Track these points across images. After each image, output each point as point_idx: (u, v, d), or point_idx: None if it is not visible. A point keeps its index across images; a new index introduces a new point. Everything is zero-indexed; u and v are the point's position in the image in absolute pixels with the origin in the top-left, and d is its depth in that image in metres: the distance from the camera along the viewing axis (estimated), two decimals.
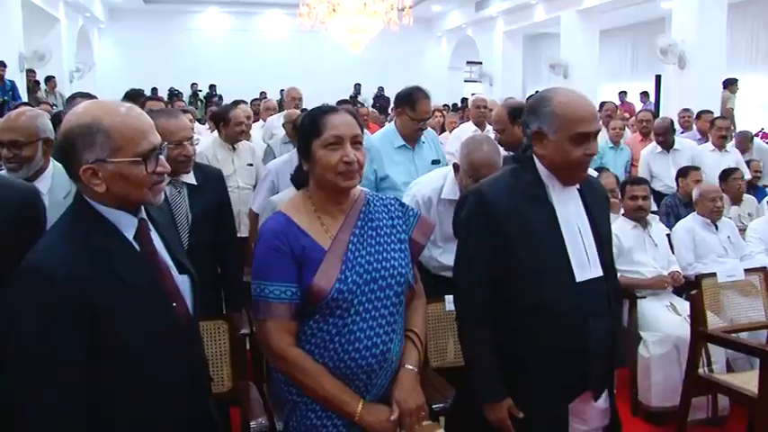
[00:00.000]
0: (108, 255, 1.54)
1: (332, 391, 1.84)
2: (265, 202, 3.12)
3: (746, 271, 3.73)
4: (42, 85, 12.52)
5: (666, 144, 6.35)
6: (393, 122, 4.12)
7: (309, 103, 7.47)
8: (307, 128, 1.90)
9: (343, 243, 1.88)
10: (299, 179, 2.00)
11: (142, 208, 1.65)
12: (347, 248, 1.87)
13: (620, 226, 4.15)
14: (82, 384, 1.48)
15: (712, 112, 7.72)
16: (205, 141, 5.51)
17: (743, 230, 4.72)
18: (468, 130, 6.28)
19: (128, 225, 1.61)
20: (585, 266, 2.10)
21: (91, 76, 15.04)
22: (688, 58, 9.75)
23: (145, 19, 18.28)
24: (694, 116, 8.00)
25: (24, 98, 10.92)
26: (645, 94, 15.22)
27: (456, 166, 3.09)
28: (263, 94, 16.33)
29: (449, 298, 2.96)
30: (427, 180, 3.34)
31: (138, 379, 1.57)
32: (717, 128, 6.75)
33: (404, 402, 1.89)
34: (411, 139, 3.97)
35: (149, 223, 1.68)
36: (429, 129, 4.29)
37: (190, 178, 2.86)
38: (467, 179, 2.96)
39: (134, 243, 1.61)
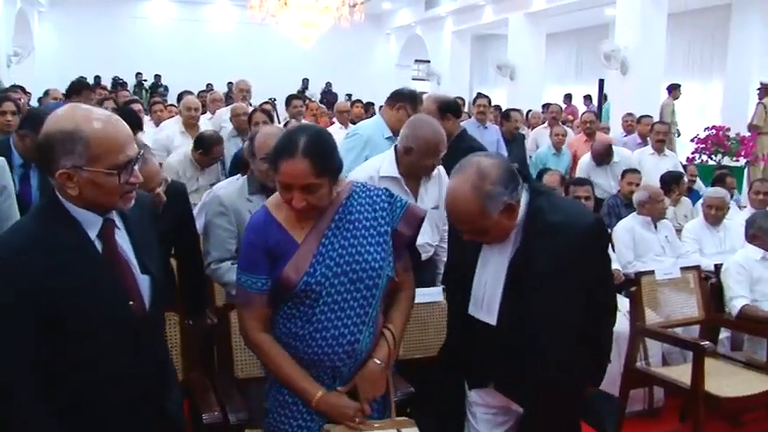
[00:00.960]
0: (67, 250, 1.63)
1: (293, 376, 1.96)
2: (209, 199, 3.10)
3: (682, 269, 3.89)
4: None
5: (604, 162, 6.45)
6: (380, 115, 4.15)
7: (257, 97, 7.47)
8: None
9: (317, 237, 1.96)
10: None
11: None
12: (320, 243, 1.96)
13: None
14: (25, 356, 1.59)
15: (652, 117, 8.00)
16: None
17: (679, 231, 4.93)
18: None
19: (92, 224, 1.69)
20: (479, 309, 2.15)
21: (30, 61, 14.55)
22: (630, 63, 10.06)
23: (88, 4, 17.68)
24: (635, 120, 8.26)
25: None
26: (588, 98, 15.59)
27: (406, 150, 3.08)
28: (209, 85, 16.11)
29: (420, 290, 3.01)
30: (363, 167, 3.30)
31: (84, 364, 1.67)
32: (655, 132, 7.01)
33: (364, 392, 2.00)
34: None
35: (116, 222, 1.75)
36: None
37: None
38: (424, 159, 3.04)
39: (97, 241, 1.70)
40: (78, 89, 5.99)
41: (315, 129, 2.03)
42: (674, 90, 10.86)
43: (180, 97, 7.97)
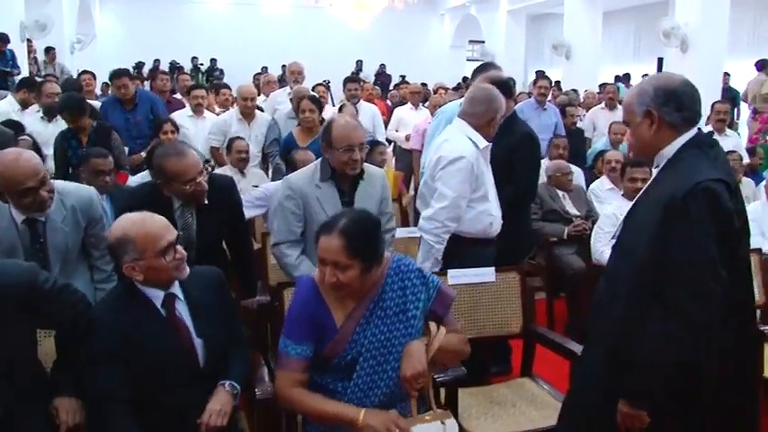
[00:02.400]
0: (137, 317, 2.24)
1: (333, 408, 2.17)
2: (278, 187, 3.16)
3: None
4: (41, 56, 12.44)
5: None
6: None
7: (311, 79, 7.50)
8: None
9: (352, 325, 2.21)
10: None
11: (176, 283, 2.31)
12: (354, 330, 2.20)
13: (621, 206, 4.23)
14: (116, 380, 2.18)
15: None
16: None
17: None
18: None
19: (156, 297, 2.28)
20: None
21: (92, 47, 14.94)
22: (690, 41, 9.74)
23: None
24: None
25: (25, 69, 10.88)
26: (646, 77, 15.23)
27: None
28: (264, 68, 16.28)
29: (452, 272, 3.06)
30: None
31: (151, 399, 2.23)
32: (716, 111, 6.80)
33: (404, 370, 2.14)
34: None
35: (179, 294, 2.32)
36: None
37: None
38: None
39: (161, 310, 2.28)
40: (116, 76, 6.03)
41: (361, 214, 2.27)
42: (765, 68, 10.36)
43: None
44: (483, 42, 17.89)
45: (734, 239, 1.99)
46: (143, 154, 5.26)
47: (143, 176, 4.70)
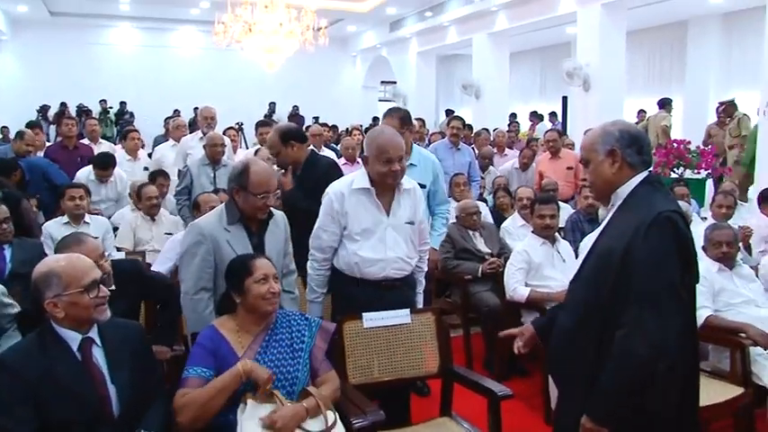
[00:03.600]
0: (51, 360, 2.21)
1: (219, 381, 2.40)
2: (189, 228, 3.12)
3: None
4: None
5: None
6: None
7: (224, 121, 7.44)
8: (238, 268, 2.59)
9: (252, 352, 2.53)
10: (224, 306, 2.66)
11: (94, 328, 2.30)
12: (254, 357, 2.51)
13: (530, 242, 4.35)
14: (20, 423, 2.13)
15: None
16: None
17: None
18: None
19: (74, 340, 2.27)
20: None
21: None
22: (592, 80, 10.25)
23: (51, 32, 17.52)
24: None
25: None
26: (553, 115, 15.83)
27: (365, 159, 3.19)
28: (176, 111, 16.04)
29: (366, 315, 3.03)
30: (340, 179, 3.40)
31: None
32: None
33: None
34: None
35: (96, 341, 2.30)
36: (429, 154, 4.44)
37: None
38: (377, 166, 3.09)
39: (77, 354, 2.26)
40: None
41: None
42: (666, 105, 10.90)
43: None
44: (395, 83, 18.24)
45: (692, 266, 2.12)
46: None
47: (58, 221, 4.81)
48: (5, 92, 16.19)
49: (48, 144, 7.74)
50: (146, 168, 6.81)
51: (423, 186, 4.09)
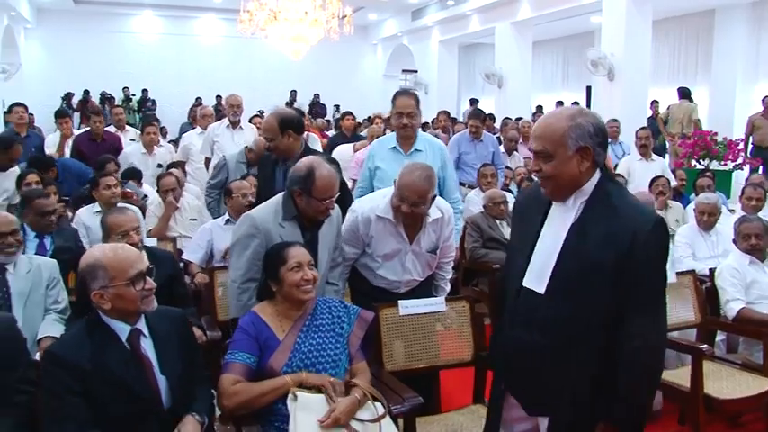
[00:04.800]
0: (101, 351, 2.20)
1: (267, 382, 2.45)
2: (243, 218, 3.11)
3: (677, 274, 3.95)
4: None
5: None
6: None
7: (245, 110, 7.46)
8: (272, 258, 2.64)
9: (293, 337, 2.57)
10: (263, 293, 2.69)
11: (142, 318, 2.31)
12: (295, 341, 2.55)
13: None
14: (71, 414, 2.14)
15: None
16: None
17: (671, 236, 4.98)
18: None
19: (122, 331, 2.26)
20: (533, 276, 2.14)
21: (18, 77, 14.50)
22: (617, 70, 10.17)
23: (75, 20, 17.65)
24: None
25: None
26: (576, 104, 15.76)
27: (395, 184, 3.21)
28: (198, 99, 16.14)
29: (402, 302, 3.06)
30: (369, 199, 3.44)
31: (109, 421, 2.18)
32: (638, 137, 7.11)
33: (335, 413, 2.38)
34: (402, 137, 4.14)
35: (143, 332, 2.31)
36: (436, 140, 4.39)
37: None
38: (393, 197, 3.14)
39: (126, 344, 2.26)
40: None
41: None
42: (687, 95, 10.85)
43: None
44: (416, 72, 18.19)
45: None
46: None
47: (89, 209, 4.84)
48: (31, 79, 16.32)
49: (75, 132, 7.79)
50: (159, 165, 6.82)
51: None
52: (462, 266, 5.02)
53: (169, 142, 7.73)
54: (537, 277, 2.11)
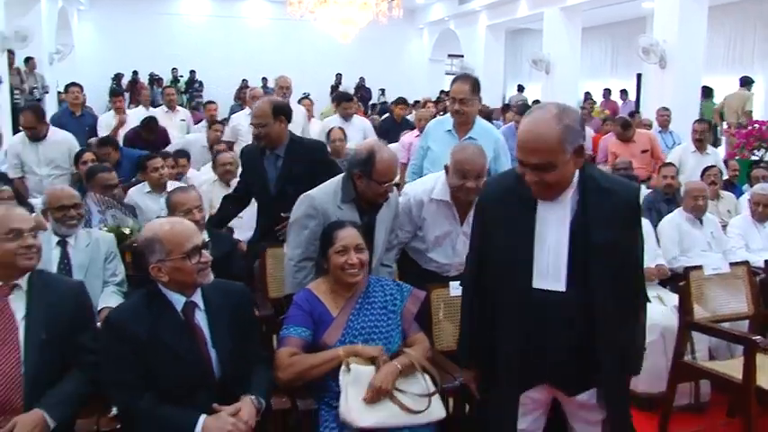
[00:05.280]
0: (156, 321, 2.29)
1: (321, 354, 2.52)
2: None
3: (731, 265, 3.88)
4: (22, 66, 12.31)
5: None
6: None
7: (293, 94, 7.52)
8: (324, 237, 2.71)
9: (346, 314, 2.62)
10: (321, 269, 2.77)
11: (198, 293, 2.38)
12: (348, 318, 2.60)
13: None
14: (126, 378, 2.26)
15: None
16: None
17: (724, 226, 4.90)
18: None
19: (178, 302, 2.35)
20: (545, 276, 2.14)
21: (71, 58, 14.82)
22: (669, 57, 9.95)
23: (126, 1, 17.96)
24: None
25: (5, 79, 10.77)
26: (624, 92, 15.48)
27: (446, 168, 3.24)
28: (244, 81, 16.30)
29: (453, 284, 3.08)
30: (421, 182, 3.49)
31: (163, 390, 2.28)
32: (693, 131, 6.97)
33: (374, 379, 2.46)
34: (457, 123, 4.11)
35: (198, 304, 2.38)
36: (493, 129, 4.38)
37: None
38: (453, 178, 3.15)
39: (180, 315, 2.33)
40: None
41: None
42: (748, 83, 10.69)
43: None
44: (462, 56, 18.05)
45: None
46: None
47: (140, 188, 4.96)
48: (83, 60, 16.67)
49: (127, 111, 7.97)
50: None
51: None
52: None
53: (219, 122, 7.82)
54: (551, 277, 2.13)
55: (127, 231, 3.85)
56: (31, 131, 5.53)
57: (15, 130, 10.59)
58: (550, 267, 2.13)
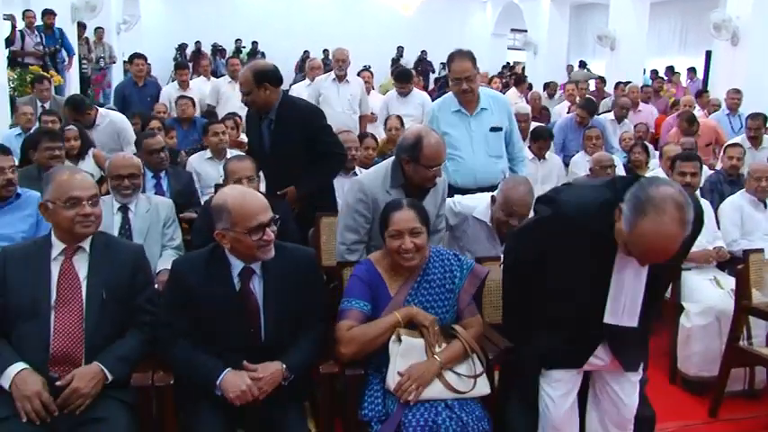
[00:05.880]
0: (213, 279, 2.40)
1: (381, 322, 2.51)
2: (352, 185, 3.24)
3: None
4: (91, 36, 12.65)
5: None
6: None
7: (352, 68, 7.52)
8: (381, 217, 2.67)
9: (404, 293, 2.60)
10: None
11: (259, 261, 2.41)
12: (405, 298, 2.59)
13: None
14: (180, 326, 2.41)
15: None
16: None
17: None
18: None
19: (237, 266, 2.41)
20: (617, 315, 2.28)
21: (137, 28, 15.12)
22: (741, 34, 9.56)
23: None
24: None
25: (75, 48, 11.09)
26: (692, 71, 14.96)
27: (493, 198, 3.34)
28: (306, 52, 16.39)
29: None
30: (468, 199, 3.53)
31: (210, 338, 2.40)
32: (748, 128, 6.61)
33: (409, 371, 2.44)
34: (463, 102, 4.04)
35: (256, 271, 2.43)
36: (499, 95, 4.34)
37: None
38: (499, 212, 3.25)
39: (236, 279, 2.40)
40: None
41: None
42: None
43: None
44: (525, 31, 17.73)
45: None
46: None
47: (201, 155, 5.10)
48: (149, 30, 16.95)
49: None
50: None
51: (499, 129, 4.08)
52: None
53: None
54: (626, 315, 2.28)
55: None
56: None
57: None
58: (625, 307, 2.27)
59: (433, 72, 18.08)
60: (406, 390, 2.37)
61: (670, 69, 14.83)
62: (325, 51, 15.80)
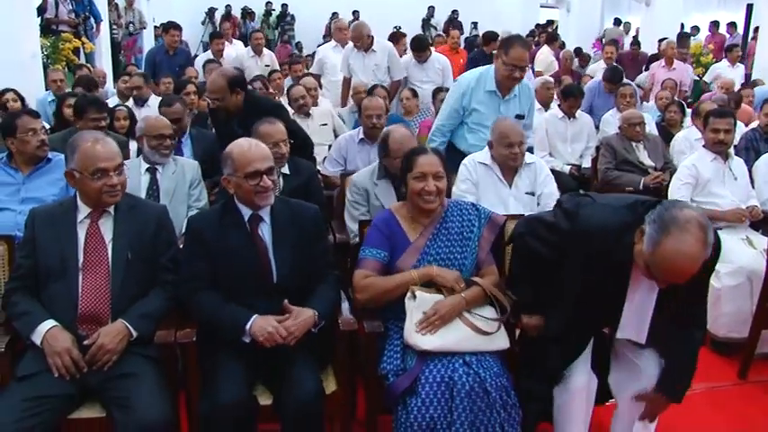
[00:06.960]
0: (225, 226, 2.57)
1: (397, 277, 2.60)
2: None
3: None
4: (121, 2, 12.68)
5: None
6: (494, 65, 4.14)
7: (382, 27, 7.41)
8: (404, 161, 2.75)
9: (423, 240, 2.67)
10: (400, 196, 2.97)
11: (267, 208, 2.59)
12: (425, 244, 2.66)
13: (701, 157, 4.12)
14: (198, 274, 2.56)
15: None
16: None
17: None
18: None
19: (245, 214, 2.58)
20: (629, 331, 2.42)
21: None
22: None
23: None
24: None
25: (105, 14, 11.12)
26: (732, 25, 14.49)
27: (490, 144, 3.57)
28: (334, 14, 16.23)
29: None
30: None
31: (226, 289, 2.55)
32: (764, 115, 6.29)
33: (437, 308, 2.53)
34: (502, 86, 4.06)
35: (264, 218, 2.59)
36: (527, 82, 4.29)
37: (285, 170, 3.58)
38: (501, 148, 3.49)
39: (247, 225, 2.57)
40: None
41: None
42: None
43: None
44: None
45: None
46: None
47: None
48: None
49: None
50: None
51: (522, 117, 4.15)
52: (593, 189, 4.89)
53: (307, 56, 7.90)
54: (635, 332, 2.40)
55: None
56: None
57: (115, 67, 11.05)
58: (634, 324, 2.39)
59: (462, 33, 17.74)
60: (431, 323, 2.46)
61: (715, 24, 14.35)
62: (356, 13, 15.63)
